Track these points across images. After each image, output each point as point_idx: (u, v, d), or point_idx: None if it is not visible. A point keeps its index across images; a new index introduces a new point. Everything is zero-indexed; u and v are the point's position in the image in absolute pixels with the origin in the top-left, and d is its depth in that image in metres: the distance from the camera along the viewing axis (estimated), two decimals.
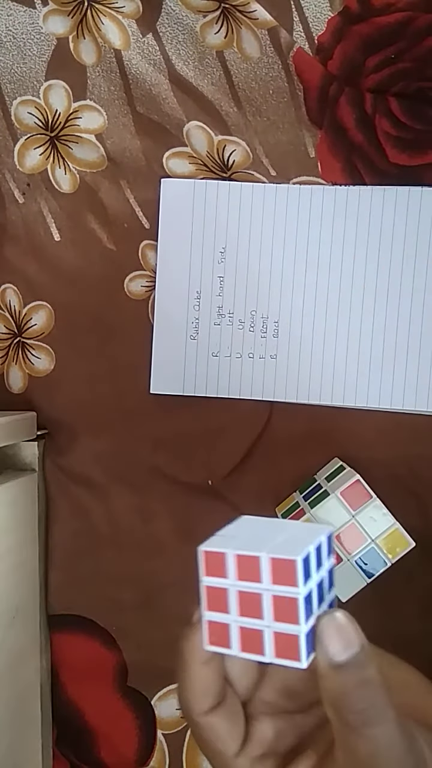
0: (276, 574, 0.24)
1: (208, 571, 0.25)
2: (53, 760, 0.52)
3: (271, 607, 0.24)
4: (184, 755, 0.52)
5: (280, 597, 0.24)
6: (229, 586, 0.25)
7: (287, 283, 0.49)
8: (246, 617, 0.25)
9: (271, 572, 0.24)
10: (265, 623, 0.25)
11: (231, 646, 0.25)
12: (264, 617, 0.25)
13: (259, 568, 0.24)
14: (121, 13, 0.48)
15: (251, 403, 0.50)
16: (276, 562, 0.24)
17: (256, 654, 0.25)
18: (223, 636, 0.25)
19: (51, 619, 0.52)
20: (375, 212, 0.48)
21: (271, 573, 0.24)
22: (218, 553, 0.25)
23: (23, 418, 0.49)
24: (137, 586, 0.51)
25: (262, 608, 0.25)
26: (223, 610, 0.25)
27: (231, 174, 0.49)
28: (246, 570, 0.25)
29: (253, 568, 0.24)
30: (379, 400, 0.49)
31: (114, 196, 0.50)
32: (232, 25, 0.48)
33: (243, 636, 0.25)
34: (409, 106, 0.47)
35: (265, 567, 0.24)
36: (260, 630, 0.25)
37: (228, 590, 0.25)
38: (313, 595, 0.25)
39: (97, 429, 0.51)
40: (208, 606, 0.26)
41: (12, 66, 0.50)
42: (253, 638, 0.25)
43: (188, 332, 0.50)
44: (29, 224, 0.51)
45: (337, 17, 0.47)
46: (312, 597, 0.25)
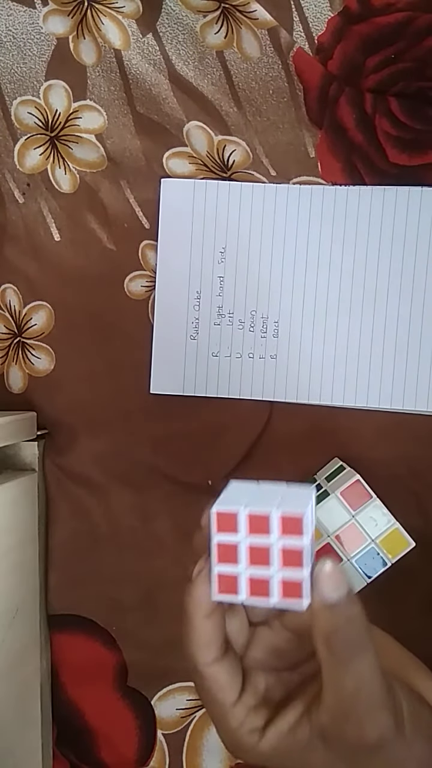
0: (285, 527, 0.28)
1: (220, 528, 0.29)
2: (53, 760, 0.52)
3: (280, 556, 0.28)
4: (184, 755, 0.52)
5: (288, 547, 0.28)
6: (239, 541, 0.28)
7: (287, 283, 0.49)
8: (255, 567, 0.28)
9: (281, 527, 0.28)
10: (272, 571, 0.28)
11: (239, 593, 0.29)
12: (272, 565, 0.28)
13: (268, 524, 0.28)
14: (121, 13, 0.48)
15: (251, 403, 0.50)
16: (285, 518, 0.28)
17: (262, 598, 0.29)
18: (231, 585, 0.29)
19: (51, 619, 0.52)
20: (375, 212, 0.48)
21: (281, 527, 0.28)
22: (230, 512, 0.28)
23: (23, 418, 0.49)
24: (137, 586, 0.51)
25: (271, 558, 0.28)
26: (232, 562, 0.29)
27: (231, 174, 0.49)
28: (257, 526, 0.28)
29: (263, 524, 0.28)
30: (379, 400, 0.49)
31: (114, 196, 0.50)
32: (232, 25, 0.48)
33: (251, 583, 0.29)
34: (409, 106, 0.47)
35: (275, 522, 0.28)
36: (268, 577, 0.28)
37: (238, 544, 0.28)
38: (311, 545, 0.29)
39: (97, 429, 0.51)
40: (218, 559, 0.29)
41: (12, 66, 0.50)
42: (261, 585, 0.29)
43: (188, 332, 0.50)
44: (29, 224, 0.51)
45: (337, 17, 0.47)
46: (311, 546, 0.29)
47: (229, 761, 0.51)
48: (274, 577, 0.28)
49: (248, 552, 0.28)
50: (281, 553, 0.28)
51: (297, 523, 0.28)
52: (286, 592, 0.28)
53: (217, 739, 0.51)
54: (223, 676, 0.31)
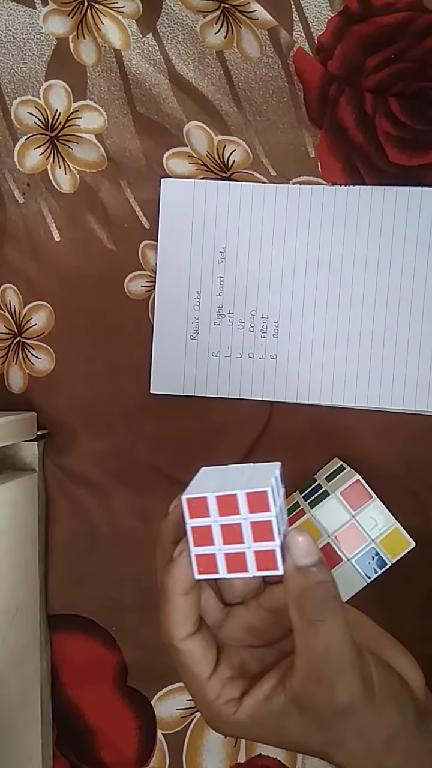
0: (251, 504, 0.30)
1: (191, 514, 0.30)
2: (53, 760, 0.52)
3: (250, 531, 0.30)
4: (184, 755, 0.52)
5: (257, 522, 0.30)
6: (212, 523, 0.30)
7: (287, 283, 0.49)
8: (229, 544, 0.30)
9: (248, 504, 0.30)
10: (245, 546, 0.30)
11: (218, 571, 0.31)
12: (244, 541, 0.30)
13: (236, 503, 0.30)
14: (121, 13, 0.48)
15: (251, 403, 0.50)
16: (250, 495, 0.30)
17: (240, 572, 0.31)
18: (210, 564, 0.31)
19: (51, 619, 0.52)
20: (375, 212, 0.48)
21: (248, 504, 0.30)
22: (199, 497, 0.30)
23: (23, 418, 0.49)
24: (137, 586, 0.51)
25: (242, 534, 0.30)
26: (208, 543, 0.31)
27: (231, 174, 0.49)
28: (225, 507, 0.30)
29: (231, 504, 0.30)
30: (379, 400, 0.49)
31: (114, 196, 0.50)
32: (232, 25, 0.48)
33: (228, 560, 0.31)
34: (409, 106, 0.47)
35: (242, 501, 0.30)
36: (242, 552, 0.30)
37: (211, 526, 0.30)
38: (279, 517, 0.30)
39: (97, 429, 0.51)
40: (194, 543, 0.31)
41: (12, 66, 0.50)
42: (237, 560, 0.31)
43: (188, 332, 0.50)
44: (29, 224, 0.51)
45: (337, 17, 0.47)
46: (278, 518, 0.30)
47: (229, 761, 0.51)
48: (248, 552, 0.30)
49: (221, 532, 0.30)
50: (251, 528, 0.30)
51: (262, 498, 0.30)
52: (261, 564, 0.30)
53: (217, 738, 0.51)
54: (198, 650, 0.32)
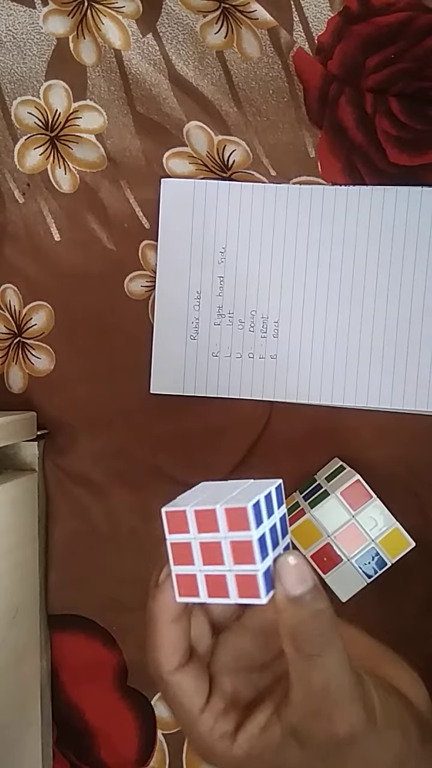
0: (231, 522, 0.27)
1: (171, 529, 0.29)
2: (53, 760, 0.52)
3: (230, 552, 0.28)
4: (184, 755, 0.52)
5: (237, 542, 0.27)
6: (191, 540, 0.28)
7: (287, 283, 0.49)
8: (209, 565, 0.28)
9: (227, 521, 0.27)
10: (226, 568, 0.28)
11: (199, 594, 0.29)
12: (225, 563, 0.28)
13: (215, 520, 0.28)
14: (121, 13, 0.48)
15: (251, 403, 0.50)
16: (229, 512, 0.27)
17: (221, 597, 0.28)
18: (191, 586, 0.29)
19: (51, 619, 0.52)
20: (375, 212, 0.48)
21: (227, 522, 0.27)
22: (178, 511, 0.29)
23: (23, 418, 0.49)
24: (137, 586, 0.51)
25: (223, 555, 0.28)
26: (188, 563, 0.29)
27: (231, 174, 0.49)
28: (204, 523, 0.28)
29: (210, 520, 0.28)
30: (379, 400, 0.49)
31: (114, 196, 0.50)
32: (232, 25, 0.48)
33: (208, 583, 0.28)
34: (409, 106, 0.47)
35: (221, 517, 0.28)
36: (223, 575, 0.28)
37: (191, 543, 0.28)
38: (266, 539, 0.28)
39: (97, 429, 0.51)
40: (174, 561, 0.29)
41: (12, 66, 0.50)
42: (218, 583, 0.28)
43: (188, 332, 0.50)
44: (29, 224, 0.51)
45: (337, 17, 0.47)
46: (266, 540, 0.28)
47: None
48: (228, 575, 0.28)
49: (200, 550, 0.28)
50: (231, 548, 0.28)
51: (241, 515, 0.27)
52: (243, 590, 0.28)
53: None
54: (190, 683, 0.30)
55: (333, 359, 0.49)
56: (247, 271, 0.49)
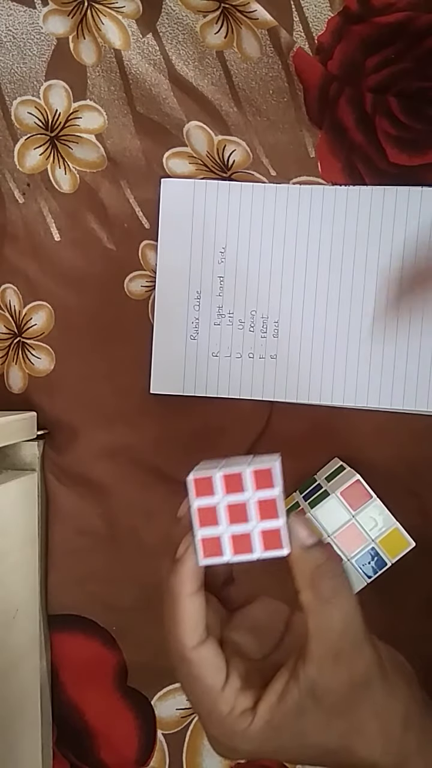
0: (257, 481, 0.30)
1: (198, 494, 0.31)
2: (53, 760, 0.52)
3: (256, 510, 0.30)
4: (184, 755, 0.52)
5: (263, 500, 0.30)
6: (217, 503, 0.30)
7: (287, 283, 0.49)
8: (235, 524, 0.30)
9: (254, 481, 0.30)
10: (251, 525, 0.30)
11: (224, 553, 0.31)
12: (251, 520, 0.30)
13: (242, 481, 0.30)
14: (121, 13, 0.48)
15: (251, 403, 0.50)
16: (256, 473, 0.30)
17: (246, 554, 0.31)
18: (215, 547, 0.31)
19: (51, 619, 0.52)
20: (375, 212, 0.48)
21: (254, 482, 0.30)
22: (206, 477, 0.30)
23: (23, 418, 0.49)
24: (137, 586, 0.51)
25: (249, 513, 0.30)
26: (213, 524, 0.31)
27: (231, 174, 0.49)
28: (232, 485, 0.30)
29: (238, 482, 0.30)
30: (379, 400, 0.49)
31: (114, 196, 0.50)
32: (232, 25, 0.48)
33: (234, 542, 0.31)
34: (409, 106, 0.47)
35: (248, 478, 0.30)
36: (248, 532, 0.30)
37: (217, 506, 0.30)
38: (282, 497, 0.31)
39: (97, 429, 0.51)
40: (200, 524, 0.31)
41: (12, 66, 0.50)
42: (243, 541, 0.31)
43: (188, 332, 0.50)
44: (29, 224, 0.51)
45: (337, 17, 0.47)
46: (282, 498, 0.31)
47: (229, 761, 0.51)
48: (254, 531, 0.30)
49: (227, 512, 0.30)
50: (257, 506, 0.30)
51: (268, 475, 0.30)
52: (267, 544, 0.31)
53: None
54: (211, 659, 0.32)
55: (333, 359, 0.49)
56: (247, 271, 0.49)
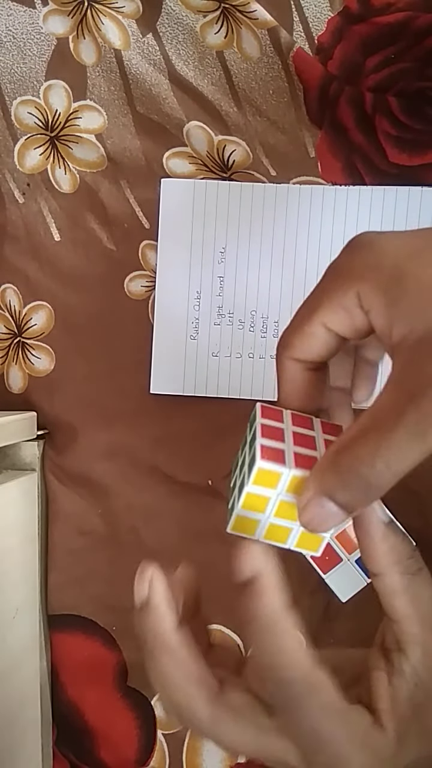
0: (325, 429, 0.28)
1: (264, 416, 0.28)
2: (53, 760, 0.52)
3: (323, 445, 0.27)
4: (184, 755, 0.52)
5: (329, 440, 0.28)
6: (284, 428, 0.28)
7: (287, 283, 0.49)
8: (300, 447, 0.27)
9: (321, 427, 0.28)
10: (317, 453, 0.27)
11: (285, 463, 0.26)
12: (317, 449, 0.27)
13: (311, 423, 0.28)
14: (121, 13, 0.48)
15: (251, 403, 0.49)
16: (325, 423, 0.28)
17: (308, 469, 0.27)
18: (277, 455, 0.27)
19: (51, 619, 0.52)
20: (375, 212, 0.48)
21: (321, 427, 0.28)
22: (275, 408, 0.29)
23: (23, 418, 0.49)
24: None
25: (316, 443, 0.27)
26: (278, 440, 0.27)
27: (231, 174, 0.49)
28: (300, 422, 0.28)
29: (306, 422, 0.28)
30: None
31: (114, 196, 0.50)
32: (232, 25, 0.48)
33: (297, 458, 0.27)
34: (409, 106, 0.47)
35: (317, 424, 0.28)
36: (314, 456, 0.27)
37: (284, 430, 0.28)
38: None
39: (97, 429, 0.51)
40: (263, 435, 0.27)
41: (12, 66, 0.50)
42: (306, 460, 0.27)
43: (188, 332, 0.50)
44: (29, 224, 0.51)
45: (337, 17, 0.47)
46: None
47: (229, 761, 0.51)
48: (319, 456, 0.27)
49: (292, 436, 0.27)
50: (325, 443, 0.27)
51: (337, 429, 0.28)
52: None
53: None
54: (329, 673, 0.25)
55: None
56: (247, 271, 0.49)
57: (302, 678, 0.25)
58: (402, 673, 0.26)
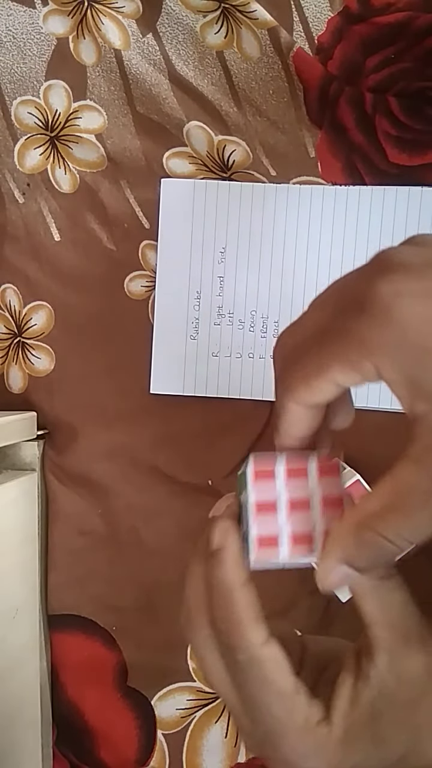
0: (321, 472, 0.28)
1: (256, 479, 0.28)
2: (53, 760, 0.52)
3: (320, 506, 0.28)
4: (184, 755, 0.52)
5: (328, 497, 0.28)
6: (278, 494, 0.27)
7: (287, 283, 0.49)
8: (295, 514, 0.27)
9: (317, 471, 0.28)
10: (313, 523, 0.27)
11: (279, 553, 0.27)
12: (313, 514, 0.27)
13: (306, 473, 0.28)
14: (121, 13, 0.48)
15: (251, 403, 0.50)
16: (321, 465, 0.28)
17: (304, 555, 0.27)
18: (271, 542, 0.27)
19: (51, 619, 0.52)
20: (375, 212, 0.48)
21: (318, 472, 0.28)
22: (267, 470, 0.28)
23: (23, 418, 0.49)
24: (137, 586, 0.51)
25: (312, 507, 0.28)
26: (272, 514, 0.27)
27: (231, 174, 0.49)
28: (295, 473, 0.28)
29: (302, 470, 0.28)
30: (379, 400, 0.49)
31: (114, 196, 0.50)
32: (232, 25, 0.48)
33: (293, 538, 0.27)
34: (409, 106, 0.47)
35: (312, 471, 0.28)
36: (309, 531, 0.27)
37: (277, 499, 0.27)
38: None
39: (97, 429, 0.51)
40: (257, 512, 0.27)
41: (12, 66, 0.50)
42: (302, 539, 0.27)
43: (188, 332, 0.50)
44: (29, 224, 0.51)
45: (337, 17, 0.47)
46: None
47: (229, 761, 0.51)
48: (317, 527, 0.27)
49: (287, 508, 0.27)
50: (322, 503, 0.27)
51: (334, 468, 0.28)
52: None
53: (217, 738, 0.51)
54: (282, 656, 0.27)
55: None
56: (247, 271, 0.49)
57: (249, 649, 0.27)
58: (367, 678, 0.27)
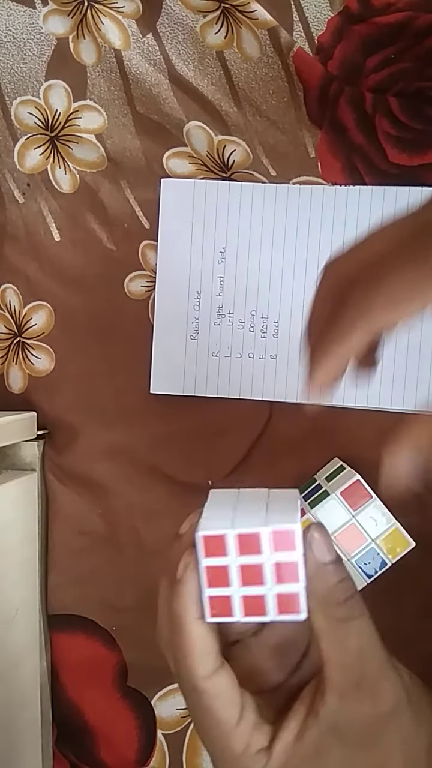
0: (276, 543, 0.27)
1: (207, 553, 0.27)
2: (53, 760, 0.52)
3: (273, 573, 0.27)
4: (184, 755, 0.52)
5: (282, 563, 0.27)
6: (229, 563, 0.27)
7: (287, 283, 0.49)
8: (248, 586, 0.27)
9: (272, 543, 0.27)
10: (266, 588, 0.27)
11: (233, 614, 0.28)
12: (266, 583, 0.27)
13: (259, 542, 0.27)
14: (121, 13, 0.48)
15: (251, 403, 0.50)
16: (276, 534, 0.27)
17: (258, 616, 0.28)
18: (224, 607, 0.28)
19: (51, 619, 0.52)
20: (375, 212, 0.48)
21: (272, 543, 0.27)
22: (217, 535, 0.27)
23: (23, 418, 0.49)
24: (137, 586, 0.51)
25: (264, 576, 0.27)
26: (224, 585, 0.27)
27: (231, 174, 0.49)
28: (247, 546, 0.27)
29: (254, 543, 0.27)
30: (379, 400, 0.49)
31: (114, 196, 0.50)
32: (232, 25, 0.48)
33: (245, 603, 0.27)
34: (409, 106, 0.47)
35: (266, 540, 0.27)
36: (262, 595, 0.27)
37: (229, 567, 0.27)
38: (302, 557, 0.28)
39: (97, 429, 0.51)
40: (209, 584, 0.27)
41: (12, 66, 0.50)
42: (256, 603, 0.27)
43: (188, 332, 0.50)
44: (29, 224, 0.51)
45: (337, 17, 0.47)
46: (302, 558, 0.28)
47: None
48: (268, 594, 0.27)
49: (240, 572, 0.27)
50: (274, 569, 0.27)
51: (289, 536, 0.27)
52: (282, 607, 0.27)
53: None
54: (226, 689, 0.28)
55: None
56: (247, 271, 0.49)
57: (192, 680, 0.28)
58: (317, 715, 0.28)
